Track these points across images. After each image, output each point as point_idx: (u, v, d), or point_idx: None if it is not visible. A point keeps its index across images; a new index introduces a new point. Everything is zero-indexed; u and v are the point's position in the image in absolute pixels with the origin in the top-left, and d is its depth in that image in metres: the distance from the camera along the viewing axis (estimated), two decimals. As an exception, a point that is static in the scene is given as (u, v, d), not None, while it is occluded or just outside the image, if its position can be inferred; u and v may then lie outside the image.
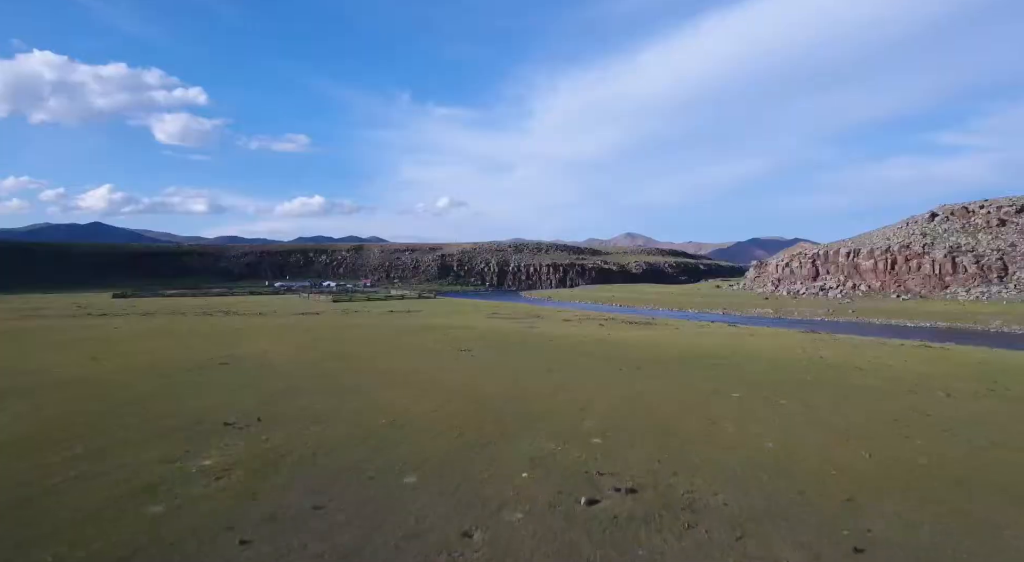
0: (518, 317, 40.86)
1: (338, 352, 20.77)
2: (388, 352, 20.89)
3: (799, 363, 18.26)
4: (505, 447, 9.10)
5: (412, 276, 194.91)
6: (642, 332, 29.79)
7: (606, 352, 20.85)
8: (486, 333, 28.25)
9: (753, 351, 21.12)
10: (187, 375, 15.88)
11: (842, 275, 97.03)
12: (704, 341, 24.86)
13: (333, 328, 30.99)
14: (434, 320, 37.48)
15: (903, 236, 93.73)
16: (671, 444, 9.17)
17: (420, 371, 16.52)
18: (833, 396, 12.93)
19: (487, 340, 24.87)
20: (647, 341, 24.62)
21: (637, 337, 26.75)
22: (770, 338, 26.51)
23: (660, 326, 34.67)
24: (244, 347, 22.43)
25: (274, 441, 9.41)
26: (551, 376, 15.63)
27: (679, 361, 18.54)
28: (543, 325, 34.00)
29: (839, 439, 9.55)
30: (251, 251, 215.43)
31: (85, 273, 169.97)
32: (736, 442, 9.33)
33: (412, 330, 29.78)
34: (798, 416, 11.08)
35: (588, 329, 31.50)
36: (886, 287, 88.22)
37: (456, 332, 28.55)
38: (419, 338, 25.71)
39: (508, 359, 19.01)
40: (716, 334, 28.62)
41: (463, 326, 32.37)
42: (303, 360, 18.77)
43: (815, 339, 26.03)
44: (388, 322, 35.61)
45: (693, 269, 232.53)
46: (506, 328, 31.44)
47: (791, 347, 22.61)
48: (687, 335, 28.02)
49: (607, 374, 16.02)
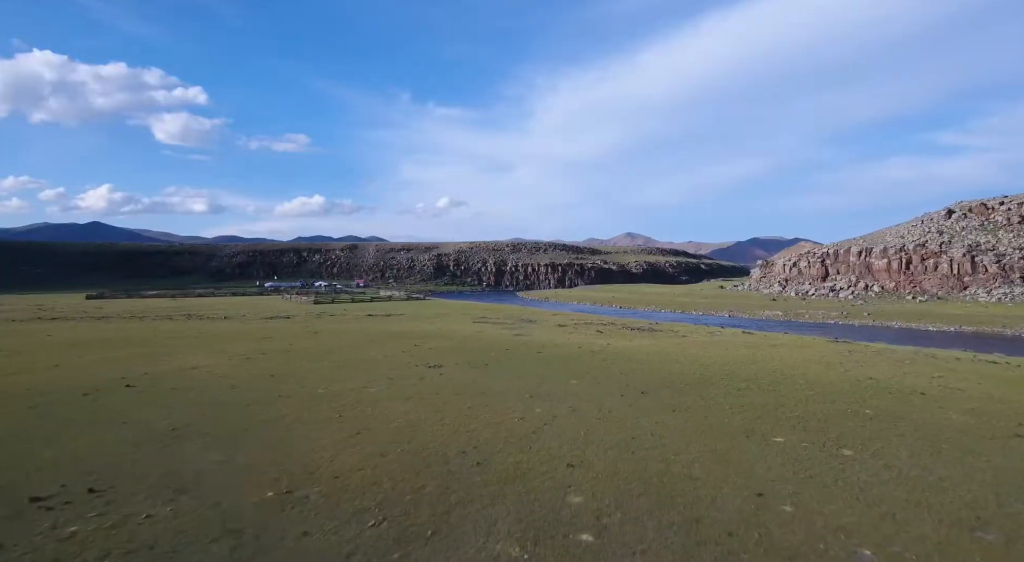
0: (508, 322, 37.42)
1: (279, 369, 17.38)
2: (339, 368, 17.49)
3: (845, 386, 14.87)
4: (441, 553, 5.73)
5: (407, 276, 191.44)
6: (646, 341, 26.39)
7: (604, 369, 17.45)
8: (466, 342, 24.84)
9: (782, 367, 17.71)
10: (66, 404, 12.53)
11: (853, 275, 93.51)
12: (720, 353, 21.45)
13: (293, 336, 27.58)
14: (413, 325, 34.05)
15: (918, 234, 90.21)
16: (706, 551, 5.76)
17: (367, 398, 13.13)
18: (915, 443, 9.52)
19: (464, 352, 21.47)
20: (653, 353, 21.22)
21: (640, 348, 23.35)
22: (796, 349, 23.08)
23: (665, 333, 31.27)
24: (174, 361, 19.04)
25: (81, 538, 6.02)
26: (533, 407, 12.23)
27: (695, 383, 15.14)
28: (534, 332, 30.58)
29: (966, 533, 6.14)
30: (244, 250, 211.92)
31: (73, 273, 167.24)
32: (805, 543, 5.92)
33: (382, 338, 26.36)
34: (882, 483, 7.68)
35: (584, 337, 28.10)
36: (900, 288, 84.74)
37: (432, 342, 25.14)
38: (385, 349, 22.31)
39: (483, 380, 15.61)
40: (731, 343, 25.21)
41: (442, 333, 28.95)
42: (230, 380, 15.38)
43: (850, 351, 22.58)
44: (360, 328, 32.18)
45: (694, 269, 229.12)
46: (491, 336, 28.02)
47: (825, 362, 19.20)
48: (698, 345, 24.61)
49: (605, 403, 12.63)
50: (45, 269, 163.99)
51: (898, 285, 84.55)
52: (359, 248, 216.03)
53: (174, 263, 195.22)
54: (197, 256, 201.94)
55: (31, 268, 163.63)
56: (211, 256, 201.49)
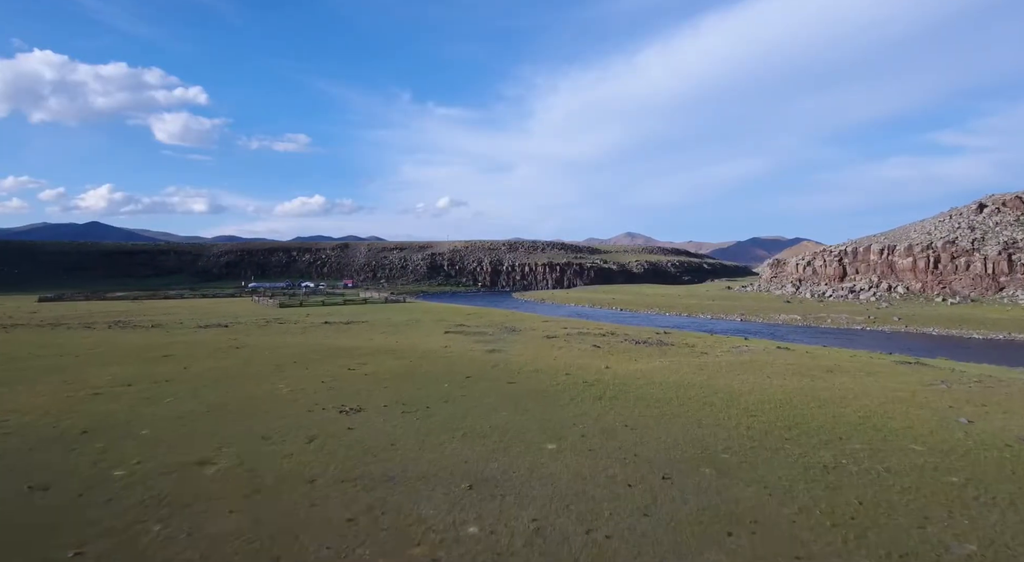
0: (487, 331, 31.61)
1: (115, 417, 11.77)
2: (202, 416, 11.85)
3: (979, 455, 9.22)
4: None
5: (400, 276, 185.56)
6: (656, 362, 20.63)
7: (601, 418, 11.82)
8: (420, 364, 19.10)
9: (867, 415, 12.01)
10: None
11: (874, 275, 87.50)
12: (760, 384, 15.70)
13: (201, 355, 21.85)
14: (368, 338, 28.27)
15: (947, 230, 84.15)
16: None
17: (171, 494, 7.43)
18: None
19: (410, 382, 15.75)
20: (669, 385, 15.46)
21: (651, 374, 17.59)
22: (863, 377, 17.30)
23: (678, 348, 25.48)
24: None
25: None
26: (465, 524, 6.54)
27: (745, 449, 9.56)
28: (514, 346, 24.83)
29: None
30: (231, 250, 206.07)
31: (55, 274, 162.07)
32: None
33: (314, 358, 20.60)
34: None
35: (577, 354, 22.36)
36: (927, 289, 78.78)
37: (376, 362, 19.41)
38: (304, 376, 16.59)
39: (406, 443, 9.97)
40: (770, 366, 19.44)
41: (397, 349, 23.19)
42: (16, 440, 9.66)
43: (943, 381, 16.71)
44: (300, 341, 26.43)
45: (697, 268, 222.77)
46: (457, 353, 22.28)
47: (921, 401, 13.44)
48: (726, 369, 18.84)
49: (601, 506, 6.99)
50: (25, 269, 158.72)
51: (925, 286, 78.57)
52: (350, 247, 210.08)
53: (159, 263, 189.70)
54: (184, 256, 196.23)
55: (11, 269, 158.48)
56: (198, 256, 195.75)
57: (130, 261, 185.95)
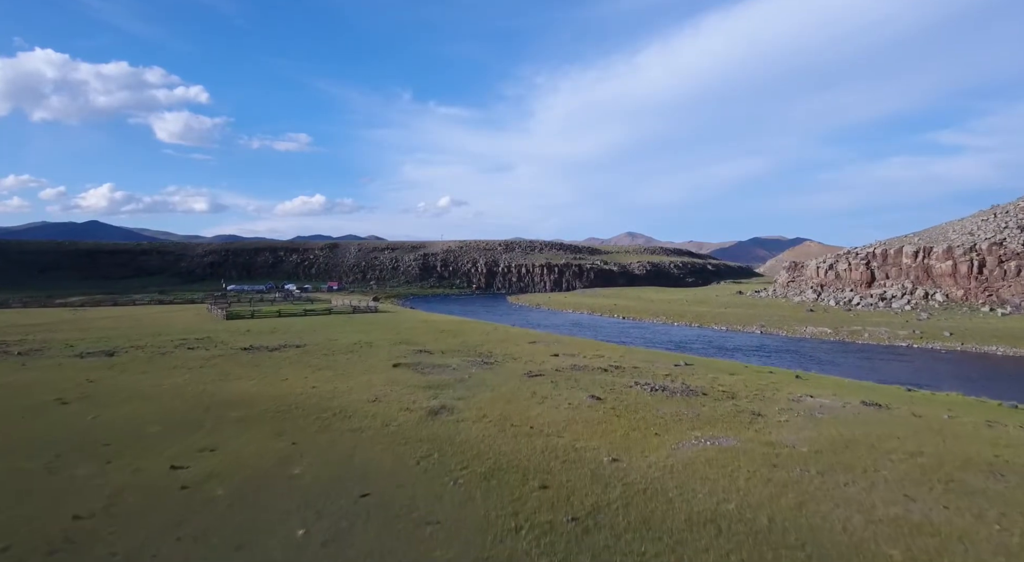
0: (450, 365, 24.00)
1: None
2: None
3: None
4: None
5: (391, 278, 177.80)
6: (692, 444, 13.14)
7: None
8: (304, 450, 11.66)
9: None
10: None
11: (908, 280, 79.64)
12: (904, 517, 8.09)
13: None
14: (283, 377, 20.68)
15: (991, 230, 76.24)
16: None
17: None
18: None
19: (241, 513, 8.22)
20: (732, 522, 7.91)
21: (690, 483, 10.31)
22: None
23: (716, 400, 18.03)
24: None
25: None
26: None
27: None
28: (479, 394, 17.34)
29: None
30: (215, 250, 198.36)
31: (28, 274, 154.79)
32: None
33: (154, 428, 13.06)
34: None
35: (566, 415, 14.96)
36: (971, 296, 70.95)
37: (234, 446, 12.03)
38: (83, 483, 9.05)
39: None
40: (885, 457, 11.86)
41: (297, 407, 15.64)
42: None
43: None
44: (183, 382, 18.97)
45: (700, 270, 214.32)
46: (383, 416, 14.77)
47: None
48: (815, 464, 11.38)
49: None
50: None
51: (967, 293, 70.86)
52: (340, 247, 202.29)
53: (139, 263, 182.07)
54: (166, 255, 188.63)
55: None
56: (181, 256, 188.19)
57: (111, 261, 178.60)
